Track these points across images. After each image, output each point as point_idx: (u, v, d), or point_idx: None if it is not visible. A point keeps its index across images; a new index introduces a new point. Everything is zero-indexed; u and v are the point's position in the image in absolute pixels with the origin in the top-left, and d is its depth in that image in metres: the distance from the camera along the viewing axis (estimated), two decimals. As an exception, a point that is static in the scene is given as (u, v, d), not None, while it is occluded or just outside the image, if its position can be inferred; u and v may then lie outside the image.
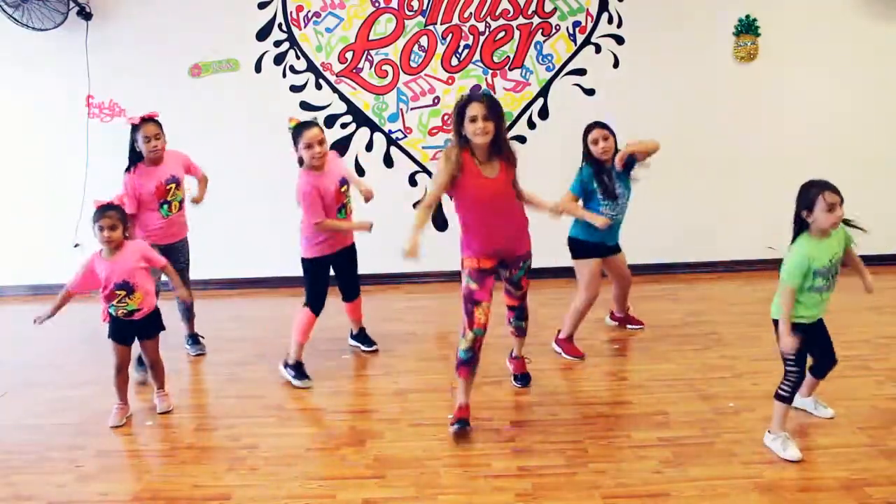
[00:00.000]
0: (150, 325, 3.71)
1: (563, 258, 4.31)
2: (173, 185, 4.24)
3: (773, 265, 2.73)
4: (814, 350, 3.16)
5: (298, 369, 4.10)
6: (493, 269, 3.49)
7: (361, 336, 4.56)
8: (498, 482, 3.02)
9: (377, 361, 4.37)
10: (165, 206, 4.23)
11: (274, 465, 3.24)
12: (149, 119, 4.13)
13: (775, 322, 3.08)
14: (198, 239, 4.55)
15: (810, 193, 2.94)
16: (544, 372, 4.08)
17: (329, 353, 4.45)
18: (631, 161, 4.03)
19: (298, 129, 3.89)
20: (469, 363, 3.43)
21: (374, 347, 4.51)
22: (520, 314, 3.79)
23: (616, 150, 4.02)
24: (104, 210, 3.50)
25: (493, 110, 3.25)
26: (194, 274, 4.55)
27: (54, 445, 3.49)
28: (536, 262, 3.63)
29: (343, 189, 4.05)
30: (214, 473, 3.19)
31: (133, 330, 3.68)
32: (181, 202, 4.34)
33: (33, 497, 3.06)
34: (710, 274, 5.95)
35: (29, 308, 5.87)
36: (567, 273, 6.04)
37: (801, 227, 3.01)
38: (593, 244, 4.18)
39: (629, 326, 4.74)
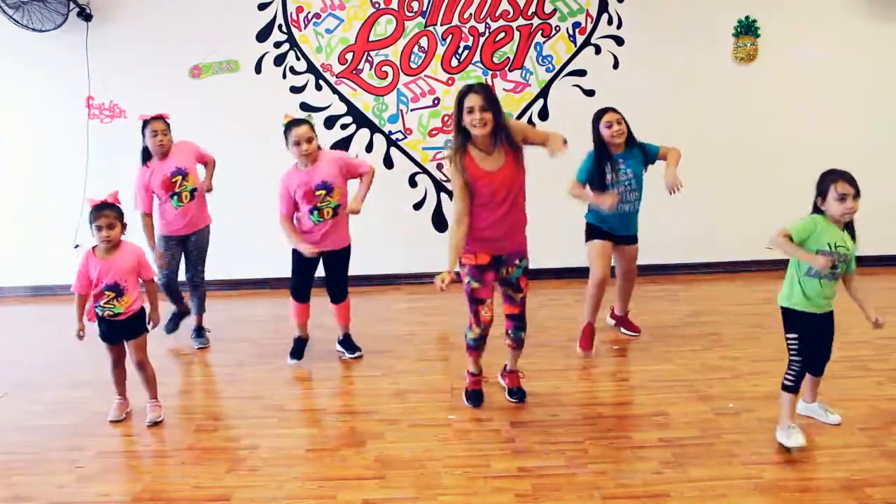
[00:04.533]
0: (135, 324, 3.61)
1: (562, 259, 4.31)
2: (179, 177, 4.45)
3: (773, 266, 2.71)
4: (812, 341, 3.15)
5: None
6: (490, 265, 3.50)
7: (346, 342, 4.46)
8: (498, 483, 3.01)
9: (377, 362, 4.36)
10: (175, 198, 4.48)
11: (274, 465, 3.24)
12: (158, 117, 4.43)
13: (782, 310, 3.16)
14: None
15: (826, 181, 3.02)
16: (544, 373, 4.08)
17: (329, 353, 4.45)
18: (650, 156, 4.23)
19: (288, 127, 4.07)
20: (478, 347, 3.64)
21: (357, 354, 4.41)
22: (519, 324, 3.65)
23: (629, 135, 4.15)
24: (101, 208, 3.43)
25: (490, 100, 3.29)
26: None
27: (54, 446, 3.49)
28: (536, 263, 3.62)
29: (319, 192, 4.04)
30: (214, 474, 3.19)
31: (120, 329, 3.60)
32: (193, 192, 4.52)
33: (33, 498, 3.05)
34: (710, 274, 5.96)
35: (29, 308, 5.93)
36: (566, 274, 6.08)
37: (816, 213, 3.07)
38: (604, 230, 4.22)
39: (623, 331, 4.61)
